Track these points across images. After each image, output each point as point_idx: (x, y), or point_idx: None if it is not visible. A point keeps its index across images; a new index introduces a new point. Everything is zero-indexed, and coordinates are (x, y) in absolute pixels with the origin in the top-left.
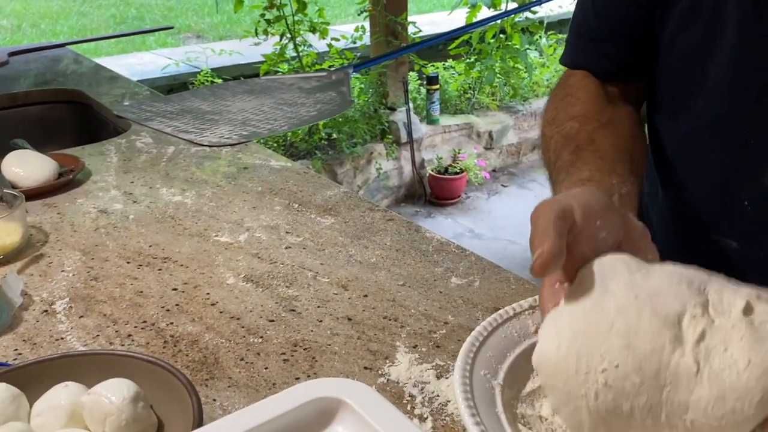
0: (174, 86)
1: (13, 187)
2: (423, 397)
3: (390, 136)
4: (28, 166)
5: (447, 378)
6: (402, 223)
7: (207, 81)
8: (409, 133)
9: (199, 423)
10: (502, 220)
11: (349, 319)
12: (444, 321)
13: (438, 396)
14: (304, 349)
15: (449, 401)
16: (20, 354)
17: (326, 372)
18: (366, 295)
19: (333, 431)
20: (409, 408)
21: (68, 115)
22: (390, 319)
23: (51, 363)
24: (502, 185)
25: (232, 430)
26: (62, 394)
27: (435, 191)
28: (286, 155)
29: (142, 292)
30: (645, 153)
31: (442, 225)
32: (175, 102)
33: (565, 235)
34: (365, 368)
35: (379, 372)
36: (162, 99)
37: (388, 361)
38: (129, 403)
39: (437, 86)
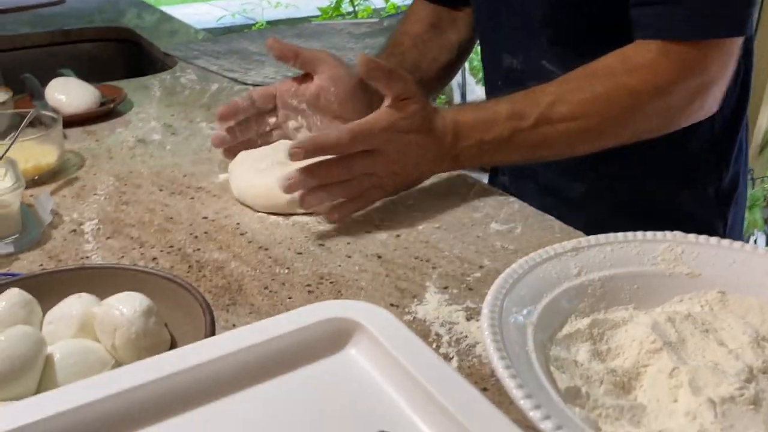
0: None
1: (56, 113)
2: (450, 337)
3: (442, 97)
4: (71, 93)
5: (477, 320)
6: None
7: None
8: (463, 95)
9: (212, 332)
10: None
11: (379, 257)
12: (479, 265)
13: (466, 337)
14: (330, 283)
15: (478, 343)
16: (45, 269)
17: None
18: (398, 235)
19: (346, 354)
20: (434, 346)
21: (118, 53)
22: (422, 260)
23: (67, 273)
24: None
25: (237, 343)
26: (75, 304)
27: None
28: None
29: (171, 218)
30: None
31: None
32: (223, 43)
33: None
34: (391, 305)
35: (406, 310)
36: (210, 39)
37: (416, 300)
38: (140, 316)
39: None
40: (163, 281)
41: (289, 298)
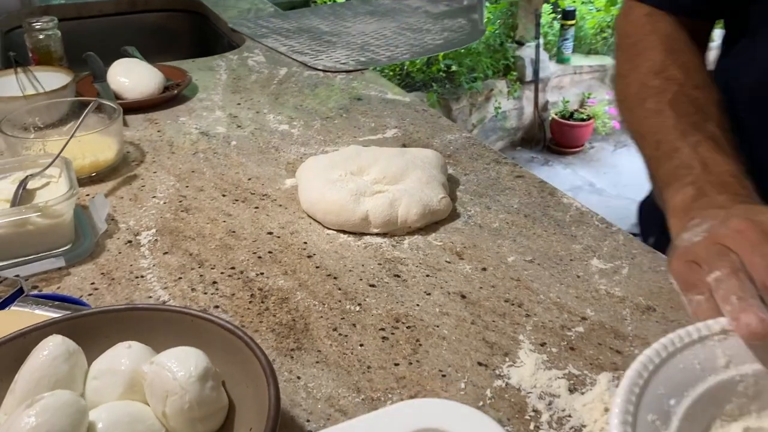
0: (295, 4)
1: (117, 96)
2: (551, 416)
3: (514, 73)
4: (135, 76)
5: (583, 394)
6: (533, 182)
7: (328, 0)
8: (536, 72)
9: (276, 417)
10: (627, 177)
11: (463, 297)
12: (581, 316)
13: (570, 417)
14: (407, 327)
15: (584, 426)
16: (96, 289)
17: (431, 361)
18: (485, 269)
19: None
20: (532, 427)
21: (184, 25)
22: (513, 304)
23: (116, 315)
24: None
25: None
26: (123, 357)
27: (556, 137)
28: (401, 85)
29: (234, 231)
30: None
31: (559, 175)
32: (292, 19)
33: None
34: (479, 364)
35: (497, 372)
36: (280, 15)
37: (507, 359)
38: (195, 381)
39: (573, 22)
40: (223, 332)
41: (361, 345)
